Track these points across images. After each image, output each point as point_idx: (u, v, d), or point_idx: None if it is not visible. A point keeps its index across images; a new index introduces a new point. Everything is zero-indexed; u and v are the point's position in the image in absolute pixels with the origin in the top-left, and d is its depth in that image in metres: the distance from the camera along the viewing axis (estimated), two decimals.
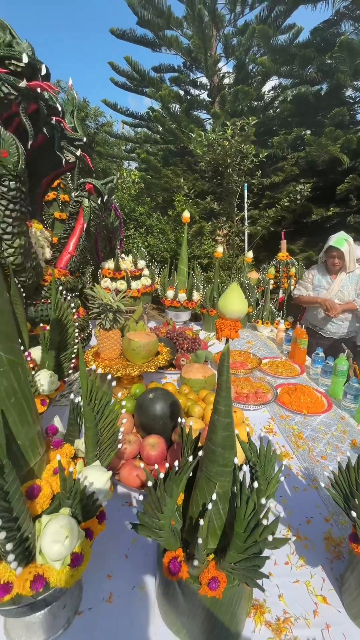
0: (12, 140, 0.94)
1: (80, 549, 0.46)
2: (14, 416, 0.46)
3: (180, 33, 6.90)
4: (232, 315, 0.47)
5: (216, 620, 0.54)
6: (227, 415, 0.51)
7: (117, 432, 0.58)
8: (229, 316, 0.48)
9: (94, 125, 12.51)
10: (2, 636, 0.58)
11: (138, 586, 0.66)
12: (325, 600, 0.65)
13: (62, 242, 1.63)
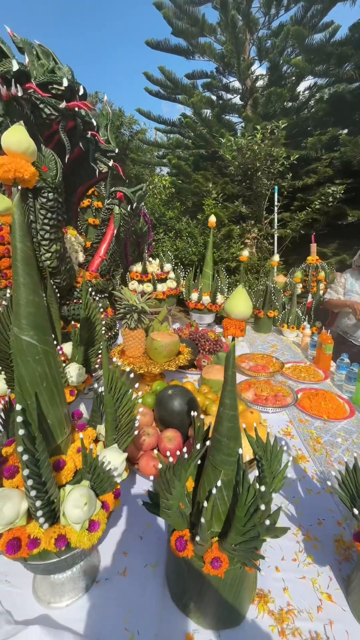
0: (52, 156, 1.05)
1: (97, 517, 0.53)
2: (45, 398, 0.54)
3: (213, 39, 6.99)
4: (237, 316, 0.52)
5: (219, 599, 0.58)
6: (232, 408, 0.55)
7: (134, 420, 0.65)
8: (234, 316, 0.52)
9: (129, 132, 12.96)
10: (31, 595, 0.66)
11: (150, 564, 0.72)
12: (331, 597, 0.67)
13: (94, 247, 1.75)
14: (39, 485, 0.46)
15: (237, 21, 5.49)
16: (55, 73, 1.19)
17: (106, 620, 0.62)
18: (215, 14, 6.40)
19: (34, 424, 0.50)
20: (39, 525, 0.50)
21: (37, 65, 1.19)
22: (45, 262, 1.14)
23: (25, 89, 1.04)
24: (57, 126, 1.24)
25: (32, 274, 0.52)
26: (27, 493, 0.47)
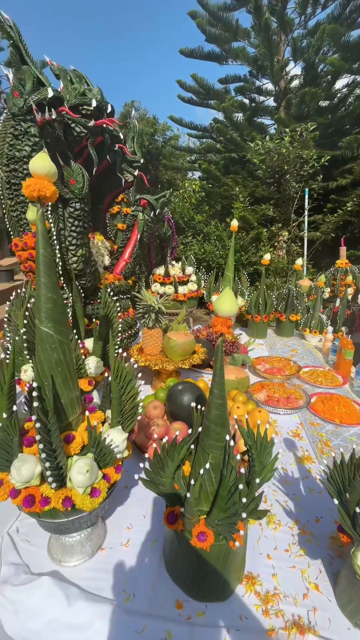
0: (80, 170, 1.17)
1: (99, 485, 0.61)
2: (59, 381, 0.64)
3: (247, 43, 7.00)
4: (223, 314, 0.57)
5: (206, 573, 0.64)
6: (220, 397, 0.61)
7: (137, 406, 0.73)
8: (221, 315, 0.58)
9: (162, 139, 13.27)
10: (46, 553, 0.76)
11: (150, 540, 0.79)
12: (318, 587, 0.69)
13: (119, 251, 1.87)
14: (49, 451, 0.55)
15: (270, 24, 5.47)
16: (85, 95, 1.32)
17: (107, 582, 0.70)
18: (249, 17, 6.42)
19: (47, 400, 0.59)
20: (50, 487, 0.59)
21: (70, 89, 1.33)
22: (72, 265, 1.27)
23: (58, 112, 1.17)
24: (86, 142, 1.37)
25: (51, 275, 0.61)
26: (40, 459, 0.56)
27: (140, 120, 12.88)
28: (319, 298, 2.28)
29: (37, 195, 0.58)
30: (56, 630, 0.61)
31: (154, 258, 2.25)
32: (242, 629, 0.61)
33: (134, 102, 14.49)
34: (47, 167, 0.56)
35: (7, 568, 0.71)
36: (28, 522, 0.83)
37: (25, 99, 1.11)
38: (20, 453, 0.60)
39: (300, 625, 0.62)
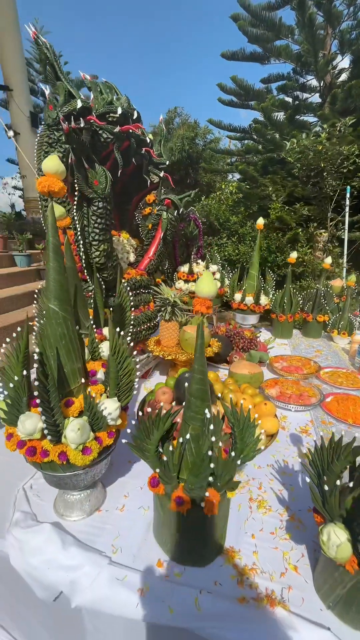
0: (102, 171, 1.29)
1: (90, 445, 0.69)
2: (63, 352, 0.73)
3: (290, 40, 6.85)
4: (202, 295, 0.62)
5: (184, 537, 0.69)
6: (200, 372, 0.66)
7: (132, 381, 0.80)
8: (200, 296, 0.63)
9: (202, 142, 13.40)
10: (52, 508, 0.86)
11: (143, 507, 0.86)
12: (297, 569, 0.71)
13: (144, 248, 1.98)
14: (47, 408, 0.64)
15: (315, 19, 5.31)
16: (112, 104, 1.44)
17: (100, 537, 0.77)
18: (292, 14, 6.28)
19: (51, 367, 0.69)
20: (49, 442, 0.68)
21: (99, 100, 1.45)
22: (94, 259, 1.39)
23: (87, 121, 1.30)
24: (112, 146, 1.48)
25: (58, 260, 0.71)
26: (42, 416, 0.66)
27: (182, 126, 13.17)
28: (349, 299, 2.18)
29: (48, 191, 0.68)
30: (51, 568, 0.70)
31: (179, 256, 2.33)
32: (214, 593, 0.65)
33: (177, 109, 14.78)
34: (55, 166, 0.66)
35: (18, 514, 0.82)
36: (40, 482, 0.94)
37: (57, 111, 1.25)
38: (27, 411, 0.70)
39: (272, 598, 0.64)
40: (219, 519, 0.69)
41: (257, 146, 7.55)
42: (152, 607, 0.62)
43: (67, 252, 1.13)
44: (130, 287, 1.64)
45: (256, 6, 6.29)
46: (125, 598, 0.64)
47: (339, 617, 0.61)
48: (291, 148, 4.09)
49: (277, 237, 5.58)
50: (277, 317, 2.28)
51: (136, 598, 0.64)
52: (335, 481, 0.62)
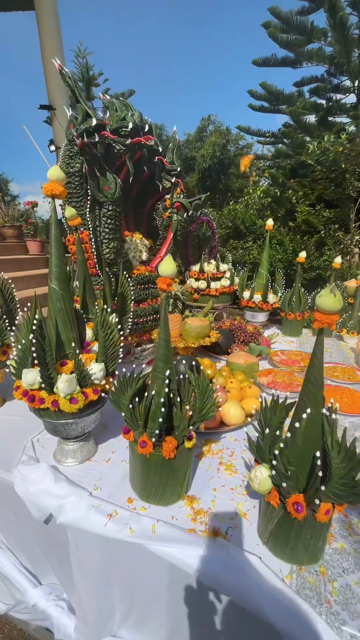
0: (113, 179, 1.48)
1: (77, 397, 0.85)
2: (60, 322, 0.90)
3: (323, 43, 6.78)
4: (163, 274, 0.76)
5: (148, 479, 0.82)
6: (165, 340, 0.79)
7: (117, 350, 0.95)
8: (162, 274, 0.76)
9: (234, 149, 13.49)
10: (51, 456, 1.04)
11: (125, 461, 1.00)
12: (245, 515, 0.81)
13: (156, 248, 2.15)
14: (43, 363, 0.82)
15: (346, 21, 5.25)
16: (125, 119, 1.64)
17: (86, 479, 0.93)
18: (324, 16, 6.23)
19: (48, 331, 0.87)
20: (44, 392, 0.86)
21: (114, 117, 1.66)
22: (105, 255, 1.58)
23: (101, 136, 1.50)
24: (125, 156, 1.68)
25: (59, 248, 0.89)
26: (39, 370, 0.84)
27: (214, 133, 13.38)
28: (358, 298, 2.18)
29: (51, 194, 0.87)
30: (44, 496, 0.87)
31: (191, 256, 2.47)
32: (169, 524, 0.78)
33: (210, 116, 15.02)
34: (57, 174, 0.84)
35: (25, 457, 1.00)
36: (45, 437, 1.12)
37: (76, 128, 1.47)
38: (31, 368, 0.89)
39: (217, 532, 0.75)
40: (179, 465, 0.82)
41: (287, 150, 7.51)
42: (116, 527, 0.77)
43: (78, 248, 1.33)
44: (138, 282, 1.82)
45: (287, 13, 6.33)
46: (97, 519, 0.79)
47: (271, 551, 0.71)
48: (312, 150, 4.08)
49: (303, 240, 5.52)
50: (286, 315, 2.33)
51: (105, 520, 0.78)
52: (273, 432, 0.72)
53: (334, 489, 0.59)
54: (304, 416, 0.63)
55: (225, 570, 0.68)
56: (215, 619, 0.70)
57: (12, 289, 1.34)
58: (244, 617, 0.65)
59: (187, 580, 0.71)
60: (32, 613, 1.02)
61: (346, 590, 0.63)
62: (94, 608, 0.88)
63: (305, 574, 0.66)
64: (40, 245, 4.79)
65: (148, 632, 0.85)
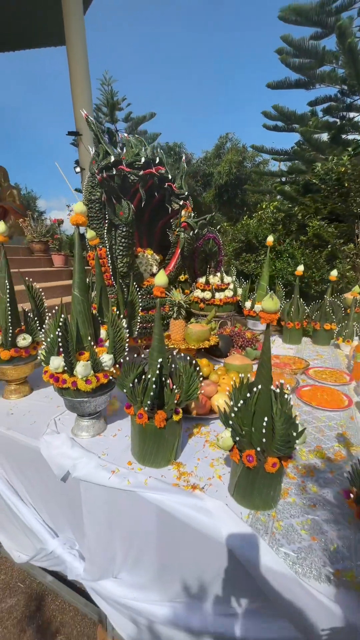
0: (127, 205, 1.76)
1: (91, 379, 1.09)
2: (79, 322, 1.16)
3: (335, 65, 7.06)
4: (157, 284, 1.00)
5: (144, 446, 1.04)
6: (159, 334, 1.02)
7: (123, 345, 1.19)
8: (157, 285, 1.00)
9: (251, 165, 13.86)
10: (70, 432, 1.28)
11: (128, 436, 1.22)
12: (220, 478, 1.00)
13: (166, 262, 2.41)
14: (66, 352, 1.07)
15: (354, 47, 5.50)
16: (139, 154, 1.93)
17: (96, 448, 1.16)
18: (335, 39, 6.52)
19: (71, 328, 1.12)
20: (66, 375, 1.10)
21: (130, 152, 1.96)
22: (119, 268, 1.85)
23: (118, 169, 1.80)
24: (138, 185, 1.97)
25: (81, 264, 1.15)
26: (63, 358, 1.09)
27: (230, 150, 13.85)
28: (353, 308, 2.33)
29: (76, 223, 1.14)
30: (63, 458, 1.10)
31: (198, 269, 2.71)
32: (158, 479, 0.99)
33: (228, 134, 15.50)
34: (81, 209, 1.11)
35: (49, 430, 1.25)
36: (65, 417, 1.37)
37: (98, 164, 1.77)
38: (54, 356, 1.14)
39: (195, 486, 0.96)
40: (168, 435, 1.03)
41: (301, 166, 7.73)
42: (118, 480, 0.99)
43: (96, 264, 1.60)
44: (148, 291, 2.07)
45: (299, 40, 6.68)
46: (103, 474, 1.01)
47: (236, 500, 0.90)
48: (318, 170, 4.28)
49: (314, 253, 5.66)
50: (286, 324, 2.50)
51: (109, 474, 1.01)
52: (236, 404, 0.92)
53: (276, 444, 0.79)
54: (255, 390, 0.84)
55: (200, 512, 0.88)
56: (191, 550, 0.90)
57: (43, 297, 1.62)
58: (211, 546, 0.84)
59: (171, 520, 0.91)
60: (50, 560, 1.24)
61: (289, 527, 0.82)
62: (100, 551, 1.10)
63: (260, 516, 0.85)
64: (64, 258, 5.20)
65: (142, 571, 1.05)
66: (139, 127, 13.27)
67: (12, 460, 1.31)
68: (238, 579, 0.85)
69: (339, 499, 0.91)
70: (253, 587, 0.81)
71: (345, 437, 1.25)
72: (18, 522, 1.32)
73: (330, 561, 0.73)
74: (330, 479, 1.00)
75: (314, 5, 6.94)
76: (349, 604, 0.67)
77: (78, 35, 7.34)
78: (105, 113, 13.40)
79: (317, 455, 1.12)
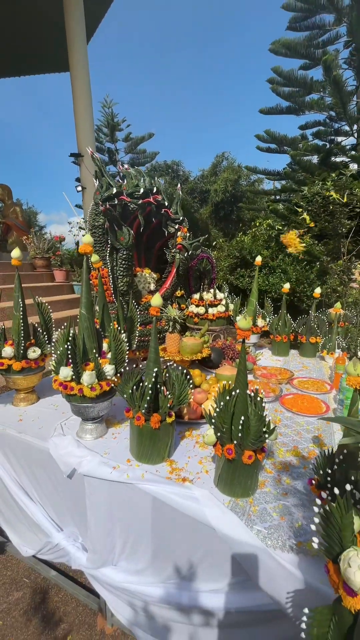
0: (127, 231, 1.96)
1: (95, 386, 1.26)
2: (85, 336, 1.33)
3: (323, 93, 7.54)
4: (154, 305, 1.18)
5: (141, 444, 1.19)
6: (155, 346, 1.20)
7: (124, 357, 1.36)
8: (153, 305, 1.18)
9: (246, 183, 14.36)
10: (75, 435, 1.43)
11: (127, 439, 1.38)
12: (207, 472, 1.16)
13: (162, 279, 2.61)
14: (74, 363, 1.23)
15: (340, 79, 5.93)
16: (138, 185, 2.16)
17: (98, 448, 1.31)
18: None
19: (78, 342, 1.29)
20: (74, 383, 1.27)
21: (130, 183, 2.18)
22: (120, 287, 2.03)
23: (119, 199, 2.01)
24: (137, 212, 2.18)
25: (87, 286, 1.34)
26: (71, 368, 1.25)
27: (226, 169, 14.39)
28: (336, 322, 2.52)
29: (84, 252, 1.33)
30: (70, 456, 1.25)
31: (192, 286, 2.91)
32: (153, 474, 1.14)
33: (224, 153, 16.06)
34: (89, 240, 1.31)
35: (56, 433, 1.40)
36: (69, 422, 1.52)
37: (101, 195, 1.98)
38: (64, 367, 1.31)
39: (185, 479, 1.11)
40: (162, 435, 1.19)
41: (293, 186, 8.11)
42: (119, 474, 1.14)
43: (99, 283, 1.78)
44: (146, 307, 2.26)
45: (288, 71, 7.15)
46: (106, 470, 1.16)
47: (219, 489, 1.06)
48: (304, 194, 4.57)
49: (306, 269, 5.91)
50: (274, 337, 2.69)
51: (111, 470, 1.16)
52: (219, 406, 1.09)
53: (251, 439, 0.95)
54: (233, 394, 1.01)
55: (188, 500, 1.03)
56: (181, 533, 1.04)
57: (50, 312, 1.80)
58: (198, 528, 0.99)
59: (164, 508, 1.06)
60: (55, 552, 1.37)
61: (262, 511, 0.97)
62: (102, 541, 1.23)
63: (239, 502, 1.01)
64: (65, 273, 5.41)
65: (139, 557, 1.18)
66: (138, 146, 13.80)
67: (23, 461, 1.45)
68: (221, 558, 0.99)
69: (308, 489, 1.07)
70: (234, 564, 0.95)
71: (320, 438, 1.41)
72: (26, 519, 1.45)
73: (294, 535, 0.89)
74: (302, 473, 1.16)
75: (302, 39, 7.47)
76: (308, 569, 0.82)
77: (80, 62, 7.79)
78: (105, 133, 13.97)
79: (293, 454, 1.27)
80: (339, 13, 6.74)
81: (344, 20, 7.00)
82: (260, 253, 6.91)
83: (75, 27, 7.26)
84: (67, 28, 7.26)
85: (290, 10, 7.51)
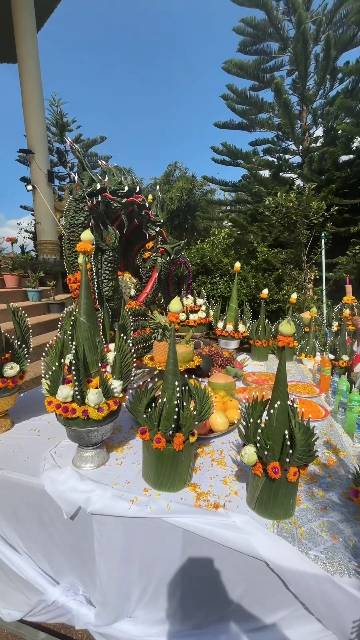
0: (113, 231, 1.79)
1: (102, 406, 1.08)
2: (87, 348, 1.14)
3: (272, 114, 8.11)
4: (172, 311, 1.05)
5: (161, 469, 1.04)
6: (173, 358, 1.06)
7: (130, 371, 1.20)
8: (171, 311, 1.06)
9: (200, 193, 14.77)
10: (71, 464, 1.21)
11: (135, 462, 1.21)
12: (237, 493, 1.05)
13: (143, 285, 2.46)
14: (77, 381, 1.04)
15: (289, 102, 6.42)
16: (121, 183, 2.00)
17: (104, 478, 1.12)
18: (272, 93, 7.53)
19: (79, 359, 1.10)
20: (76, 404, 1.07)
21: (112, 180, 2.01)
22: (104, 292, 1.84)
23: (103, 197, 1.83)
24: (120, 212, 2.02)
25: (87, 290, 1.15)
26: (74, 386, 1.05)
27: (181, 178, 14.65)
28: (311, 327, 2.63)
29: (84, 250, 1.15)
30: (72, 492, 1.05)
31: (172, 292, 2.81)
32: (179, 502, 1.00)
33: (177, 163, 16.32)
34: (88, 236, 1.13)
35: (48, 465, 1.17)
36: (60, 450, 1.30)
37: (83, 190, 1.79)
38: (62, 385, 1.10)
39: (216, 504, 0.99)
40: (184, 456, 1.06)
41: (246, 197, 8.52)
42: (138, 508, 0.97)
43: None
44: (132, 314, 2.09)
45: (242, 90, 7.55)
46: (122, 504, 0.99)
47: (258, 513, 0.96)
48: (266, 205, 4.82)
49: (264, 276, 6.19)
50: (254, 342, 2.70)
51: (129, 504, 0.99)
52: (255, 421, 1.00)
53: (297, 454, 0.87)
54: (275, 406, 0.93)
55: (226, 529, 0.91)
56: (218, 568, 0.92)
57: (27, 319, 1.54)
58: (241, 561, 0.88)
59: (198, 542, 0.93)
60: (52, 611, 1.13)
61: (310, 531, 0.90)
62: (114, 591, 1.04)
63: (282, 525, 0.92)
64: (18, 279, 4.89)
65: (160, 604, 1.02)
66: (89, 149, 13.35)
67: (5, 505, 1.19)
68: (266, 591, 0.89)
69: (343, 500, 1.02)
70: (283, 596, 0.86)
71: (330, 443, 1.39)
72: (10, 576, 1.18)
73: (353, 557, 0.83)
74: (330, 482, 1.12)
75: (252, 62, 7.98)
76: None
77: (30, 53, 7.29)
78: (54, 133, 13.26)
79: (314, 463, 1.23)
80: (284, 42, 7.35)
81: (288, 49, 7.65)
82: (221, 260, 7.08)
83: (24, 15, 6.77)
84: (15, 15, 6.74)
85: (240, 34, 7.98)
